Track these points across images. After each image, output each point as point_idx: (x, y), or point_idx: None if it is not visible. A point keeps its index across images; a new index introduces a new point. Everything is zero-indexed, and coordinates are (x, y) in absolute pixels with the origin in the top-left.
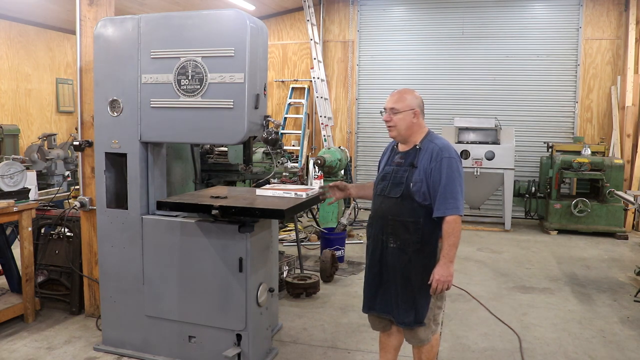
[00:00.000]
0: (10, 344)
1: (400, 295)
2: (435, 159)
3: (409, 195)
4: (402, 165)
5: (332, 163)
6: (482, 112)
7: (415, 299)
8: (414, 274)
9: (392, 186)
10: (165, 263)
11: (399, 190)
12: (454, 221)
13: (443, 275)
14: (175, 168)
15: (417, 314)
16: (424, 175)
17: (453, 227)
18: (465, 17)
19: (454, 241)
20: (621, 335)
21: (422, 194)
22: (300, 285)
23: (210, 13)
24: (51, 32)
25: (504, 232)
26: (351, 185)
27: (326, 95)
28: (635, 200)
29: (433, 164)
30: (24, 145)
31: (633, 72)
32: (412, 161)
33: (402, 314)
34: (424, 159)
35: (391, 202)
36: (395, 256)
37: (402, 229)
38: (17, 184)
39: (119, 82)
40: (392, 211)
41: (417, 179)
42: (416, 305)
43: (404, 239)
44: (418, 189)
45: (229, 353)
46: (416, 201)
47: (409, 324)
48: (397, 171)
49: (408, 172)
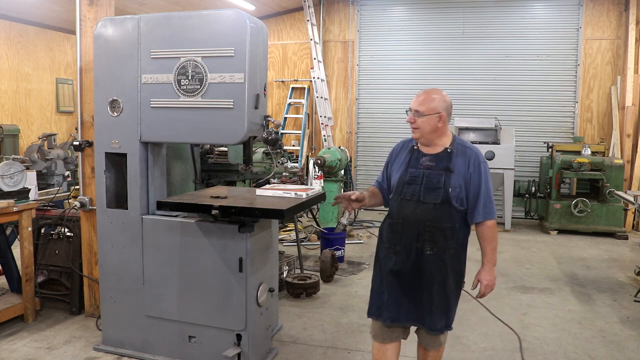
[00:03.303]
0: (10, 344)
1: (435, 301)
2: (474, 164)
3: (447, 201)
4: (434, 169)
5: (332, 163)
6: (482, 112)
7: (449, 304)
8: (450, 280)
9: (427, 191)
10: (165, 263)
11: (437, 196)
12: (493, 225)
13: (490, 280)
14: (175, 168)
15: (447, 319)
16: (462, 180)
17: (494, 231)
18: (465, 17)
19: (495, 245)
20: (621, 335)
21: (460, 199)
22: (300, 285)
23: (210, 13)
24: (51, 32)
25: (504, 232)
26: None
27: (326, 95)
28: (635, 200)
29: (472, 169)
30: (24, 145)
31: (633, 72)
32: (447, 165)
33: (435, 320)
34: (460, 163)
35: (428, 207)
36: (432, 263)
37: (440, 235)
38: (17, 184)
39: (119, 82)
40: (429, 217)
41: (457, 184)
42: (449, 310)
43: (441, 245)
44: (457, 194)
45: (229, 353)
46: (454, 206)
47: (441, 330)
48: (429, 175)
49: (444, 176)
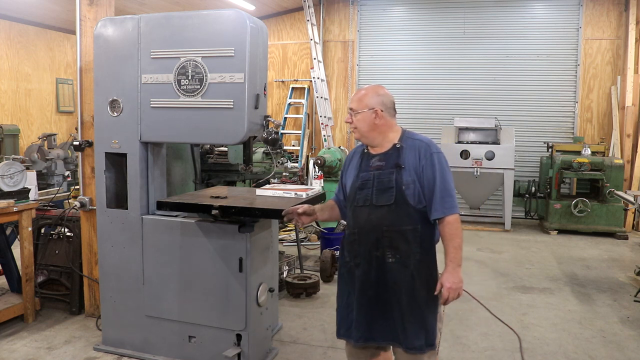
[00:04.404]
0: (10, 344)
1: (407, 316)
2: (425, 156)
3: (403, 200)
4: (385, 168)
5: (332, 163)
6: (482, 112)
7: (424, 317)
8: (419, 289)
9: (379, 193)
10: (165, 263)
11: (390, 196)
12: (455, 221)
13: (454, 282)
14: (175, 168)
15: (427, 335)
16: (415, 175)
17: (456, 227)
18: (465, 17)
19: (459, 242)
20: (621, 335)
21: (417, 196)
22: (300, 285)
23: (210, 13)
24: (51, 32)
25: (504, 232)
26: (317, 208)
27: (326, 95)
28: (635, 200)
29: (423, 162)
30: (24, 145)
31: (633, 72)
32: (396, 162)
33: (411, 337)
34: (410, 157)
35: (383, 210)
36: (396, 272)
37: (401, 239)
38: (17, 184)
39: (119, 82)
40: (386, 221)
41: (409, 180)
42: (426, 325)
43: (404, 251)
44: (412, 191)
45: (229, 353)
46: (411, 205)
47: (420, 348)
48: (379, 175)
49: (395, 174)
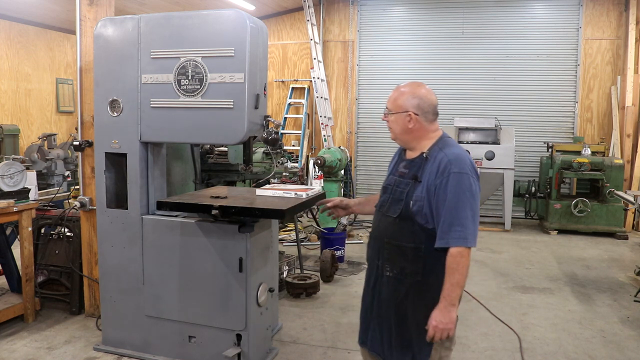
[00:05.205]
0: (10, 344)
1: (395, 334)
2: (442, 174)
3: (408, 216)
4: (405, 177)
5: (332, 163)
6: (482, 112)
7: (411, 341)
8: (411, 312)
9: (392, 202)
10: (165, 263)
11: (397, 209)
12: (459, 254)
13: (441, 322)
14: (175, 168)
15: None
16: (426, 192)
17: (457, 261)
18: (465, 17)
19: (458, 280)
20: (621, 335)
21: (424, 216)
22: (300, 285)
23: (210, 13)
24: (51, 32)
25: (504, 232)
26: (353, 202)
27: (326, 95)
28: (635, 200)
29: (439, 180)
30: (24, 145)
31: (633, 72)
32: (415, 173)
33: (395, 356)
34: (430, 171)
35: (388, 221)
36: (390, 287)
37: (399, 255)
38: (17, 184)
39: (119, 82)
40: (388, 232)
41: (419, 196)
42: (413, 348)
43: (401, 267)
44: (419, 208)
45: (229, 353)
46: (417, 223)
47: None
48: (398, 184)
49: (410, 186)
